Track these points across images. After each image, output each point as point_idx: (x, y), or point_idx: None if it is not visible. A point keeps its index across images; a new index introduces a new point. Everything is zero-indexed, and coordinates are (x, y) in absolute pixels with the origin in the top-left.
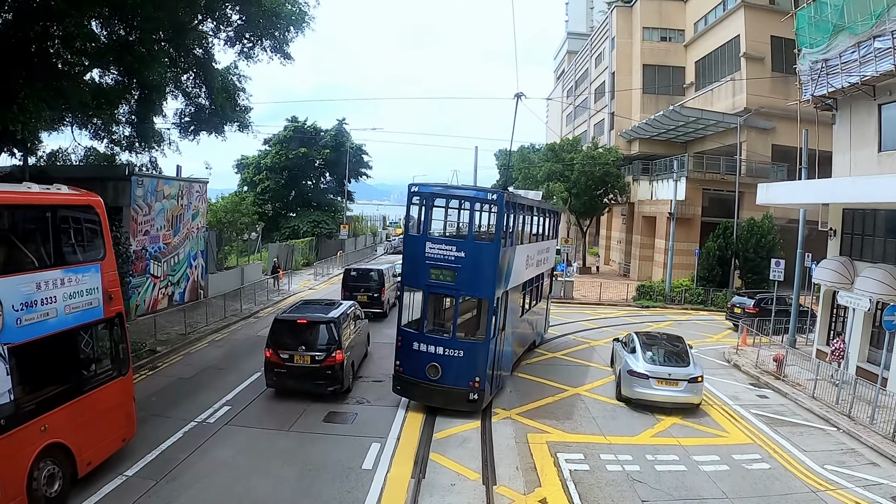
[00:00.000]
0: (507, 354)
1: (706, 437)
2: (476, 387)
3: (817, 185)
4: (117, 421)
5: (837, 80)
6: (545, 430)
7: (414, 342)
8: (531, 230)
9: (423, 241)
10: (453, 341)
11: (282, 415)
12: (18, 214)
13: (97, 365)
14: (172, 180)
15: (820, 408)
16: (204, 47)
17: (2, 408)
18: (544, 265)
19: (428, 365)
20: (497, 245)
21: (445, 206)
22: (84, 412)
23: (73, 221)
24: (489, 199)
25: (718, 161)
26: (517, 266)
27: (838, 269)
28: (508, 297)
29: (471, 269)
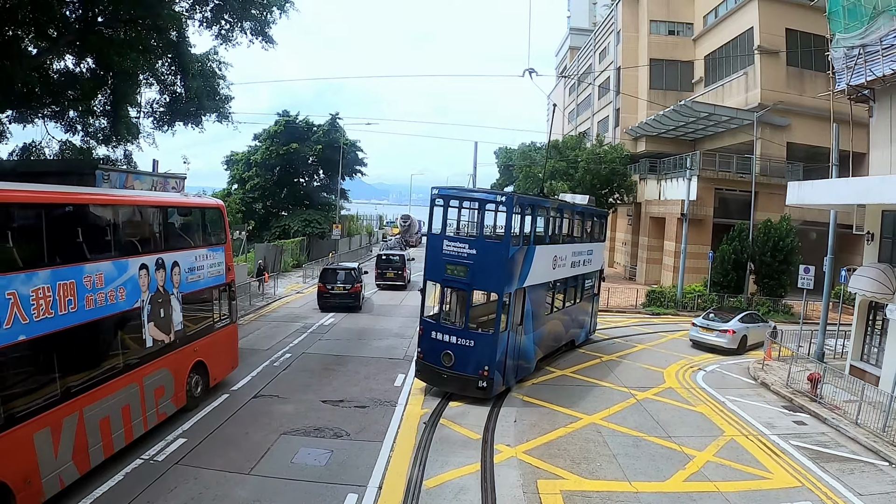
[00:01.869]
0: (527, 349)
1: (748, 480)
2: (485, 375)
3: (861, 184)
4: (231, 353)
5: (878, 67)
6: (558, 474)
7: (432, 331)
8: (563, 231)
9: (441, 239)
10: (465, 331)
11: (245, 450)
12: (183, 211)
13: (220, 313)
14: (144, 175)
15: (866, 437)
16: (178, 29)
17: (177, 332)
18: (585, 266)
19: (443, 352)
20: (506, 244)
21: (459, 207)
22: (214, 344)
23: (210, 217)
24: (498, 201)
25: (731, 159)
26: (538, 265)
27: (878, 277)
28: (527, 294)
29: (482, 265)
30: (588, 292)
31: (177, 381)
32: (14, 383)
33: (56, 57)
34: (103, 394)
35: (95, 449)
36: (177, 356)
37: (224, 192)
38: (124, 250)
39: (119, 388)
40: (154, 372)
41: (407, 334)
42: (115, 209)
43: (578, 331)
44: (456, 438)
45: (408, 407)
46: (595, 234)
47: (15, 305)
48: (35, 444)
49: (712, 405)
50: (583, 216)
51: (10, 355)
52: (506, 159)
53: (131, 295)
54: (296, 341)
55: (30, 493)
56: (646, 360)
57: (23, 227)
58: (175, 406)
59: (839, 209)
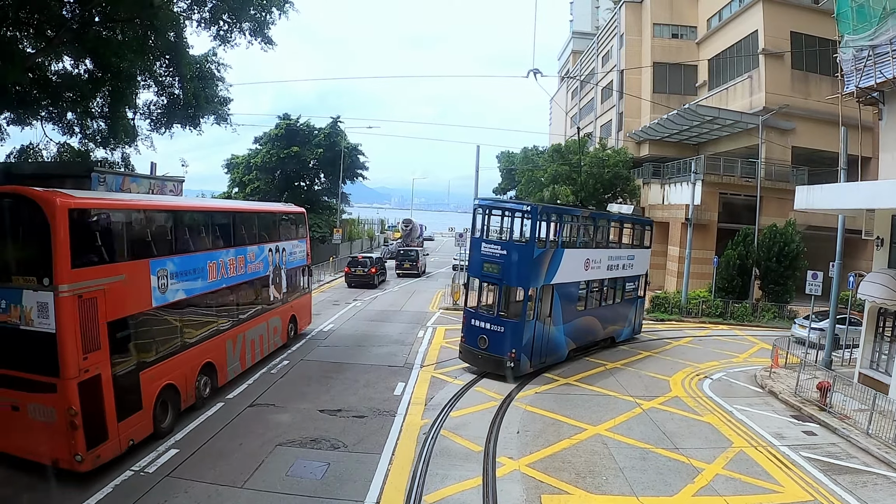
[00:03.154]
0: (556, 338)
1: (758, 494)
2: (513, 356)
3: (871, 188)
4: (308, 312)
5: (888, 69)
6: (563, 488)
7: (471, 319)
8: (596, 237)
9: (479, 241)
10: (497, 319)
11: (238, 462)
12: (288, 216)
13: (304, 284)
14: (141, 178)
15: (878, 448)
16: (176, 30)
17: (283, 294)
18: (625, 270)
19: (479, 336)
20: (531, 247)
21: (495, 215)
22: (300, 304)
23: (299, 219)
24: (524, 210)
25: (735, 163)
26: (567, 265)
27: (889, 283)
28: (555, 290)
29: (511, 264)
30: (630, 293)
31: (282, 326)
32: (218, 311)
33: (54, 58)
34: (252, 325)
35: (247, 358)
36: (283, 309)
37: (224, 195)
38: (262, 239)
39: (258, 323)
40: (273, 317)
41: (407, 341)
42: (259, 215)
43: (619, 328)
44: (457, 450)
45: (407, 417)
46: (637, 241)
47: (217, 266)
48: (226, 347)
49: (720, 415)
50: (621, 224)
51: (216, 296)
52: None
53: (265, 267)
54: (294, 347)
55: (223, 373)
56: (651, 367)
57: (222, 224)
58: (281, 342)
59: (848, 214)
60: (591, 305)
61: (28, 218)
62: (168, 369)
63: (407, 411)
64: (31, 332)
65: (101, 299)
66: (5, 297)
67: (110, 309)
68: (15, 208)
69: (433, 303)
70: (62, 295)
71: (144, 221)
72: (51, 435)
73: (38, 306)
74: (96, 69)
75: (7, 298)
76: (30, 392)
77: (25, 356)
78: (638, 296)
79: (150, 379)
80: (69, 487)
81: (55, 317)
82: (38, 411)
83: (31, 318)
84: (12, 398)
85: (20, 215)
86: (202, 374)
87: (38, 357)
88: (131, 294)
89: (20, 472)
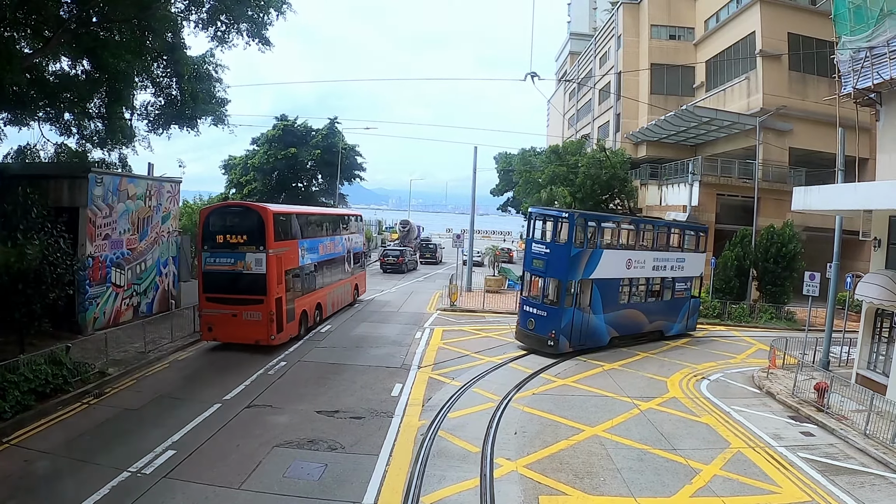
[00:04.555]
0: (596, 326)
1: (756, 495)
2: (553, 337)
3: (869, 189)
4: (364, 284)
5: (885, 70)
6: (561, 489)
7: (524, 305)
8: (639, 240)
9: (531, 242)
10: (541, 305)
11: (236, 463)
12: (352, 216)
13: (362, 263)
14: (138, 179)
15: (875, 448)
16: (174, 31)
17: (352, 268)
18: (673, 271)
19: (528, 319)
20: (569, 246)
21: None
22: (360, 277)
23: (358, 218)
24: (563, 217)
25: (733, 164)
26: (606, 264)
27: (886, 284)
28: (594, 284)
29: (552, 260)
30: (681, 293)
31: (350, 290)
32: (322, 274)
33: (52, 58)
34: (336, 286)
35: (335, 306)
36: (351, 279)
37: (221, 196)
38: (341, 231)
39: (339, 286)
40: (346, 284)
41: (405, 342)
42: (339, 216)
43: (668, 323)
44: (454, 451)
45: (405, 418)
46: (689, 245)
47: (323, 246)
48: (325, 297)
49: (718, 416)
50: (668, 229)
51: (321, 265)
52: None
53: (343, 249)
54: (291, 349)
55: (325, 311)
56: (648, 368)
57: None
58: (350, 300)
59: (845, 215)
60: (635, 300)
61: (254, 219)
62: (304, 302)
63: (404, 412)
64: (250, 273)
65: (282, 258)
66: (236, 257)
67: (284, 264)
68: (248, 214)
69: (431, 304)
70: (269, 254)
71: (296, 219)
72: (256, 327)
73: (255, 261)
74: (94, 70)
75: (237, 258)
76: (246, 305)
77: (246, 287)
78: (691, 296)
79: (297, 305)
80: (263, 353)
81: (266, 265)
82: (250, 315)
83: (251, 267)
84: (234, 310)
85: (251, 218)
86: (317, 309)
87: (253, 286)
88: (291, 257)
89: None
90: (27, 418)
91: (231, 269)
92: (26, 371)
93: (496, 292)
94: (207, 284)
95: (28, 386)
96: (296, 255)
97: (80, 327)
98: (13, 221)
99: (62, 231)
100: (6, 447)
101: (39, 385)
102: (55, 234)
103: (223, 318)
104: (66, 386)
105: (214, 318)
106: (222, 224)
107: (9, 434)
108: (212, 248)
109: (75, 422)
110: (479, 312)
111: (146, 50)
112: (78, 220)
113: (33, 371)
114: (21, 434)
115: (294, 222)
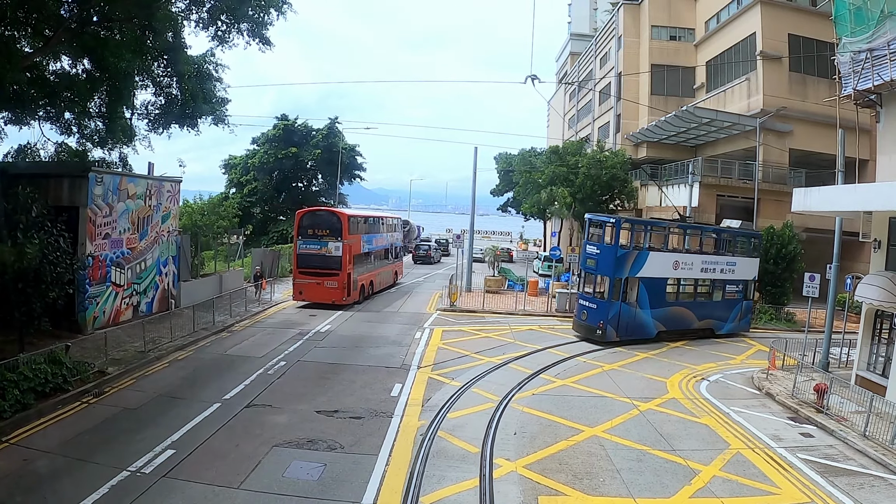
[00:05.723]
0: (643, 320)
1: (755, 496)
2: (601, 326)
3: (869, 190)
4: (402, 271)
5: (886, 72)
6: (560, 490)
7: (580, 299)
8: (685, 244)
9: (586, 244)
10: (592, 298)
11: (235, 462)
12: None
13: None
14: (138, 178)
15: (875, 450)
16: (174, 30)
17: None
18: (724, 274)
19: (581, 311)
20: (615, 247)
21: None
22: (399, 265)
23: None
24: (610, 222)
25: (733, 166)
26: (652, 264)
27: (886, 285)
28: (641, 282)
29: (601, 260)
30: (733, 294)
31: (392, 275)
32: (373, 262)
33: (52, 58)
34: (381, 270)
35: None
36: (393, 266)
37: (221, 195)
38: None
39: (383, 270)
40: (390, 269)
41: (404, 342)
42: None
43: (719, 323)
44: (454, 452)
45: (404, 418)
46: (740, 250)
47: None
48: (375, 277)
49: (717, 416)
50: (717, 234)
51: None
52: (505, 165)
53: (388, 244)
54: (291, 349)
55: (374, 287)
56: (648, 369)
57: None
58: (391, 282)
59: (845, 216)
60: (683, 298)
61: (335, 219)
62: (363, 278)
63: (404, 412)
64: (331, 255)
65: (351, 246)
66: (322, 245)
67: (353, 251)
68: (331, 215)
69: (430, 304)
70: (344, 243)
71: (361, 220)
72: (333, 292)
73: (334, 247)
74: (94, 69)
75: (322, 245)
76: (326, 277)
77: (327, 264)
78: (744, 298)
79: (359, 280)
80: (337, 308)
81: (342, 251)
82: (330, 283)
83: (331, 251)
84: (318, 280)
85: (333, 218)
86: (370, 284)
87: (332, 264)
88: (357, 246)
89: (319, 307)
90: (26, 417)
91: (317, 252)
92: (26, 370)
93: (496, 293)
94: (300, 262)
95: (27, 385)
96: (359, 245)
97: (79, 326)
98: (13, 220)
99: (62, 230)
100: (5, 446)
101: (39, 384)
102: (55, 234)
103: (310, 286)
104: (66, 385)
105: (304, 285)
106: (312, 222)
107: (8, 433)
108: (304, 237)
109: (75, 421)
110: (478, 313)
111: (147, 49)
112: (78, 219)
113: (33, 370)
114: (20, 433)
115: (360, 222)
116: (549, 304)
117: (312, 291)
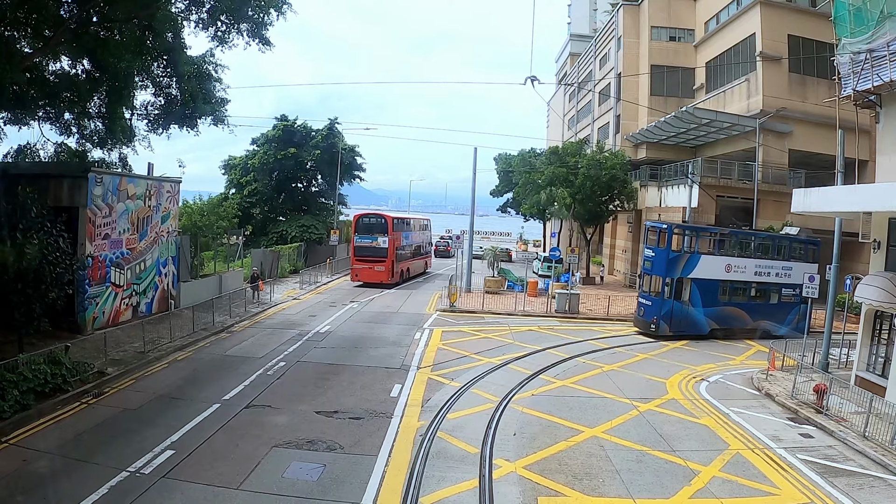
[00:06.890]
0: (695, 317)
1: (755, 497)
2: (655, 322)
3: (869, 191)
4: (430, 262)
5: (885, 72)
6: (560, 490)
7: (640, 297)
8: (738, 249)
9: (646, 248)
10: (648, 297)
11: (234, 463)
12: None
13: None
14: (138, 178)
15: (874, 450)
16: (174, 30)
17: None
18: (778, 278)
19: (640, 308)
20: (667, 250)
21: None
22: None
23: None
24: (663, 228)
25: (732, 166)
26: (703, 266)
27: (885, 286)
28: (693, 283)
29: (656, 261)
30: (788, 298)
31: (423, 265)
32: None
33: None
34: (416, 261)
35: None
36: (423, 258)
37: (221, 196)
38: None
39: (416, 261)
40: (421, 260)
41: (404, 342)
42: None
43: (774, 324)
44: (453, 452)
45: (404, 419)
46: (797, 256)
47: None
48: (411, 265)
49: (717, 417)
50: (772, 240)
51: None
52: (505, 165)
53: (420, 239)
54: (290, 349)
55: (409, 273)
56: (647, 370)
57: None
58: (422, 271)
59: (845, 217)
60: (736, 299)
61: (383, 219)
62: (402, 266)
63: (404, 413)
64: (380, 247)
65: (394, 240)
66: (373, 239)
67: (396, 244)
68: (380, 217)
69: (430, 305)
70: (389, 238)
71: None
72: (381, 275)
73: (382, 241)
74: (94, 69)
75: (372, 239)
76: (376, 263)
77: (377, 254)
78: (799, 301)
79: (400, 266)
80: (385, 287)
81: (388, 243)
82: (379, 268)
83: (380, 244)
84: (370, 266)
85: (381, 219)
86: (407, 271)
87: (381, 254)
88: (398, 240)
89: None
90: (26, 417)
91: (369, 245)
92: (25, 370)
93: (495, 293)
94: (357, 252)
95: (27, 385)
96: (400, 239)
97: (79, 327)
98: (13, 221)
99: (62, 230)
100: (5, 446)
101: (38, 384)
102: (55, 234)
103: (365, 270)
104: (66, 385)
105: (360, 269)
106: (366, 222)
107: (8, 433)
108: (359, 233)
109: (74, 421)
110: (478, 313)
111: (146, 50)
112: (77, 219)
113: (32, 370)
114: (20, 433)
115: (401, 222)
116: (549, 305)
117: (366, 274)
